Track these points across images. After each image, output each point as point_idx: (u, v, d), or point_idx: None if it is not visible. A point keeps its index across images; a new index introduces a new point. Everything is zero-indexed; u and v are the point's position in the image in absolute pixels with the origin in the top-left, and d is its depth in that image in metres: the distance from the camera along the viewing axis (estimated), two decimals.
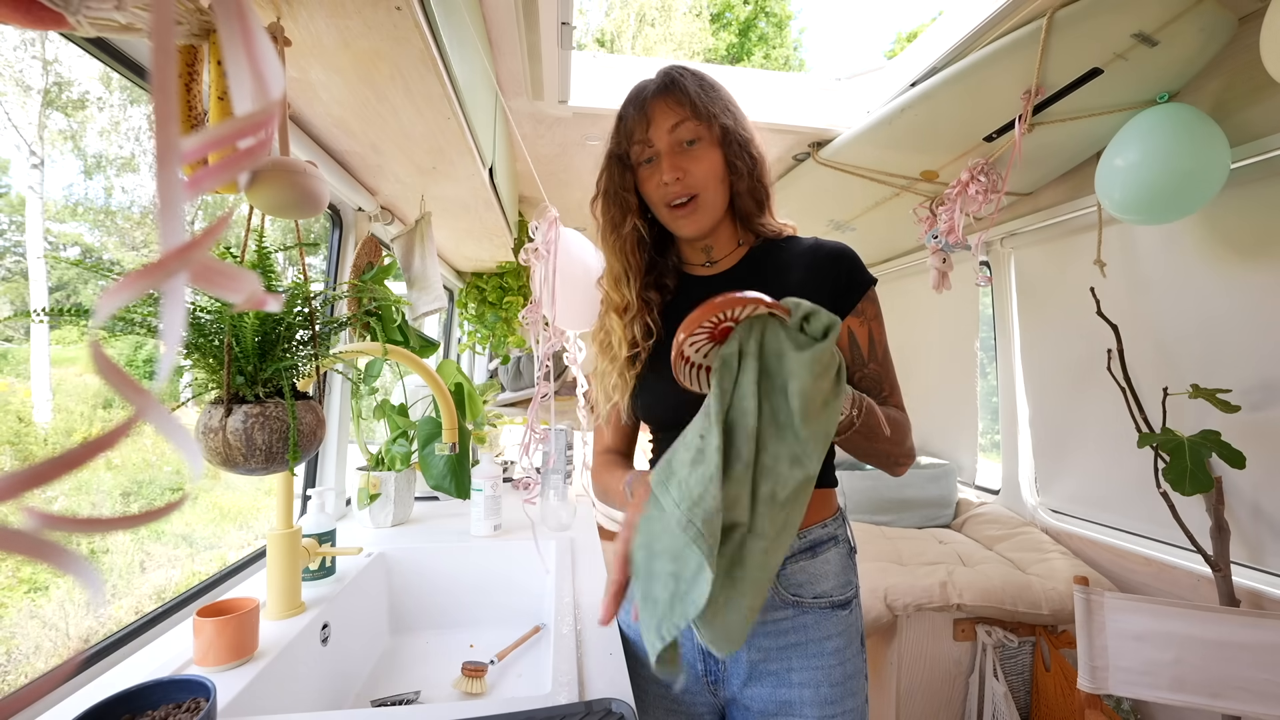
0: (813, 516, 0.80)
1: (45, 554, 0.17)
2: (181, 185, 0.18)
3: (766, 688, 0.77)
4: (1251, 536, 1.36)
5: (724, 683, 0.80)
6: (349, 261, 1.48)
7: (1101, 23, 1.17)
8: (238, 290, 0.20)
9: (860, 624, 0.82)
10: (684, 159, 0.79)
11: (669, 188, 0.80)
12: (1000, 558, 1.89)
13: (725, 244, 0.88)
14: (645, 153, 0.82)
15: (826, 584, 0.79)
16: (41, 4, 0.50)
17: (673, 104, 0.79)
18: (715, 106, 0.80)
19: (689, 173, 0.79)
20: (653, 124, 0.80)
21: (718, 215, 0.83)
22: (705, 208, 0.81)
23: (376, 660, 1.17)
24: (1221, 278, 1.39)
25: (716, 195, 0.81)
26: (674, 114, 0.79)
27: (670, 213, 0.82)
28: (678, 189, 0.79)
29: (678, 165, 0.79)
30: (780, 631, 0.77)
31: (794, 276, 0.81)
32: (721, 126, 0.80)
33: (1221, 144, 1.21)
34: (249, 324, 0.72)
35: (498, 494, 1.42)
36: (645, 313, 0.85)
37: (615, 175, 0.85)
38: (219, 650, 0.79)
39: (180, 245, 0.17)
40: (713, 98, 0.80)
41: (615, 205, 0.86)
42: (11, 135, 4.36)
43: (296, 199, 0.64)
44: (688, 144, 0.79)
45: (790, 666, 0.77)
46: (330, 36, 0.79)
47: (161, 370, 0.21)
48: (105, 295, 0.18)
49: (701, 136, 0.79)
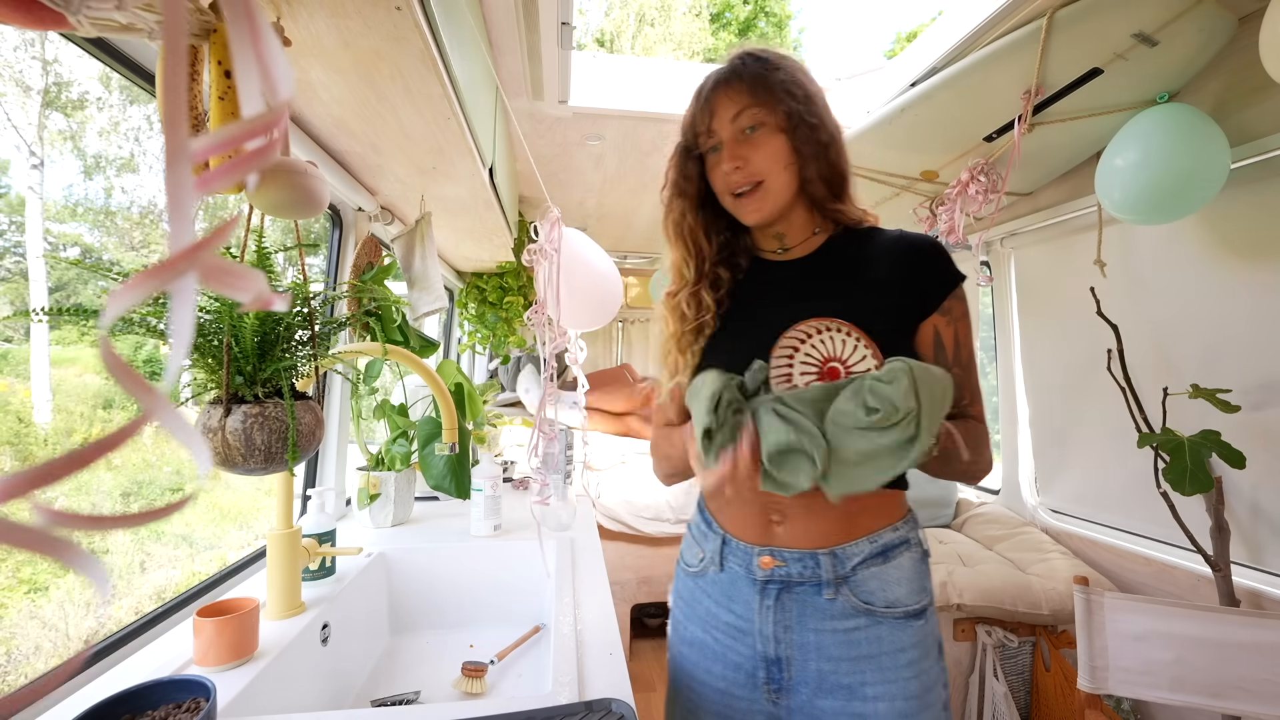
0: (883, 519, 0.77)
1: (54, 550, 0.17)
2: (191, 186, 0.18)
3: (839, 700, 0.74)
4: (1251, 536, 1.37)
5: (788, 691, 0.76)
6: (349, 261, 1.48)
7: (1101, 23, 1.18)
8: (246, 290, 0.20)
9: (937, 631, 0.78)
10: (745, 147, 0.78)
11: (730, 176, 0.79)
12: (1000, 558, 1.89)
13: (799, 231, 0.85)
14: (709, 142, 0.82)
15: (899, 590, 0.75)
16: (42, 4, 0.50)
17: (733, 93, 0.78)
18: (779, 91, 0.77)
19: (750, 160, 0.78)
20: (715, 114, 0.79)
21: (782, 202, 0.80)
22: (768, 194, 0.79)
23: (376, 660, 1.17)
24: (1222, 277, 1.39)
25: (781, 180, 0.79)
26: (735, 103, 0.78)
27: (734, 201, 0.81)
28: (739, 177, 0.79)
29: (738, 154, 0.78)
30: (853, 643, 0.74)
31: (877, 269, 0.79)
32: (785, 111, 0.77)
33: (1221, 144, 1.21)
34: (248, 324, 0.72)
35: (498, 494, 1.42)
36: (712, 290, 0.85)
37: (680, 166, 0.86)
38: (219, 650, 0.79)
39: (189, 245, 0.17)
40: (777, 82, 0.78)
41: (682, 193, 0.86)
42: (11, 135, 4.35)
43: (297, 199, 0.64)
44: (749, 131, 0.78)
45: (864, 680, 0.73)
46: (330, 36, 0.79)
47: (170, 369, 0.21)
48: (114, 295, 0.18)
49: (763, 122, 0.78)
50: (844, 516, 0.76)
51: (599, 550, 1.34)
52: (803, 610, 0.75)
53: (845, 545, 0.75)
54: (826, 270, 0.82)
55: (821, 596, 0.74)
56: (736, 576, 0.79)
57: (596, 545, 1.38)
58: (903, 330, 0.77)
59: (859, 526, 0.76)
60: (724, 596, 0.80)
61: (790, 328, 0.75)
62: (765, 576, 0.76)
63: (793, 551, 0.76)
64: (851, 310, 0.75)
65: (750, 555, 0.78)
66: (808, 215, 0.85)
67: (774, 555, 0.76)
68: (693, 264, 0.86)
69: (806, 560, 0.75)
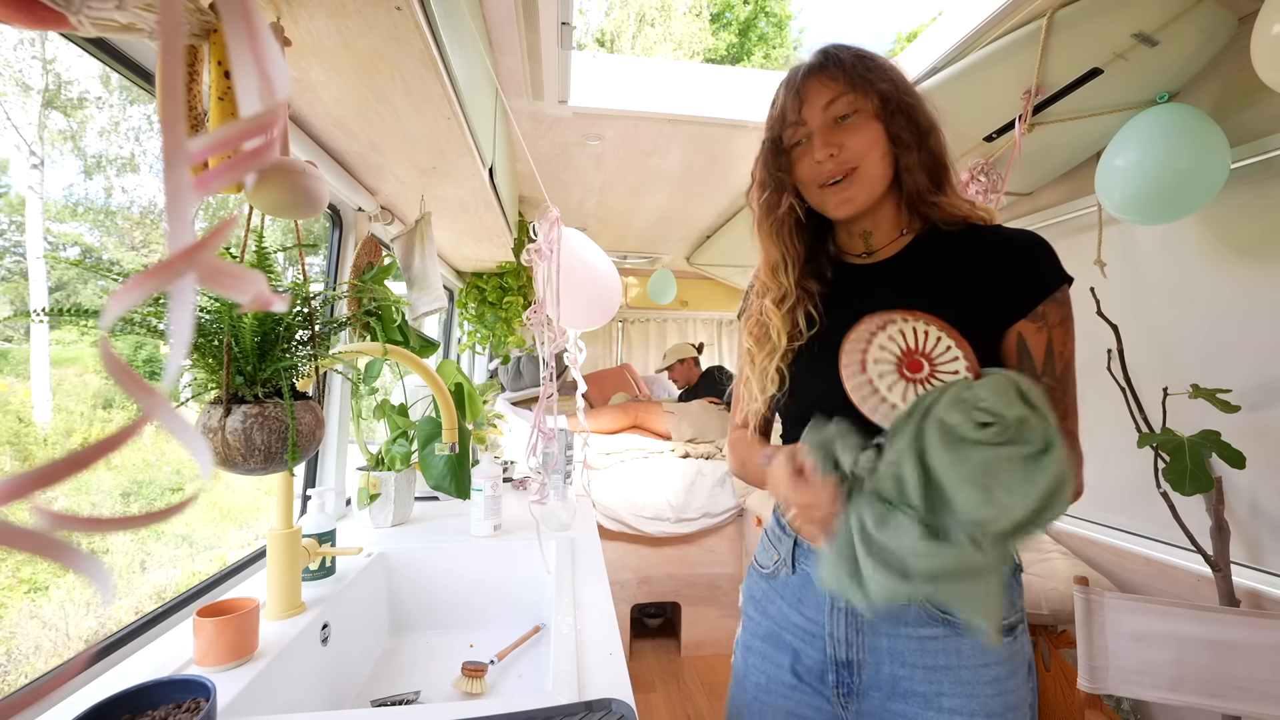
0: None
1: (56, 552, 0.17)
2: (190, 186, 0.18)
3: (914, 706, 0.71)
4: (1251, 536, 1.36)
5: (859, 695, 0.74)
6: (349, 261, 1.48)
7: (1101, 23, 1.18)
8: (245, 291, 0.20)
9: (1028, 649, 0.74)
10: (838, 134, 0.73)
11: (822, 166, 0.74)
12: None
13: (887, 230, 0.79)
14: (799, 134, 0.76)
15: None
16: (43, 4, 0.50)
17: (826, 80, 0.73)
18: (873, 74, 0.73)
19: (844, 147, 0.72)
20: (806, 103, 0.74)
21: (876, 191, 0.75)
22: (861, 182, 0.73)
23: (376, 660, 1.17)
24: (1222, 278, 1.39)
25: (876, 168, 0.73)
26: (828, 90, 0.73)
27: (822, 192, 0.76)
28: (832, 165, 0.73)
29: (831, 141, 0.73)
30: (929, 651, 0.71)
31: (967, 266, 0.73)
32: (880, 94, 0.72)
33: (1221, 144, 1.21)
34: (248, 324, 0.72)
35: (498, 494, 1.42)
36: (806, 301, 0.79)
37: (769, 160, 0.80)
38: (219, 650, 0.79)
39: (188, 246, 0.17)
40: (870, 67, 0.73)
41: (770, 189, 0.80)
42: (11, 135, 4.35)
43: (296, 199, 0.64)
44: (842, 119, 0.73)
45: (940, 691, 0.70)
46: (330, 36, 0.79)
47: (169, 370, 0.21)
48: (114, 296, 0.18)
49: (858, 109, 0.73)
50: None
51: (599, 550, 1.34)
52: (878, 616, 0.73)
53: None
54: (912, 268, 0.76)
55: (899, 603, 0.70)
56: (808, 579, 0.78)
57: (596, 545, 1.38)
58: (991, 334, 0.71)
59: None
60: (795, 599, 0.79)
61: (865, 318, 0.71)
62: None
63: None
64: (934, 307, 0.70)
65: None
66: (897, 213, 0.79)
67: None
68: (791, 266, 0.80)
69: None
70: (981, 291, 0.71)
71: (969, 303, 0.71)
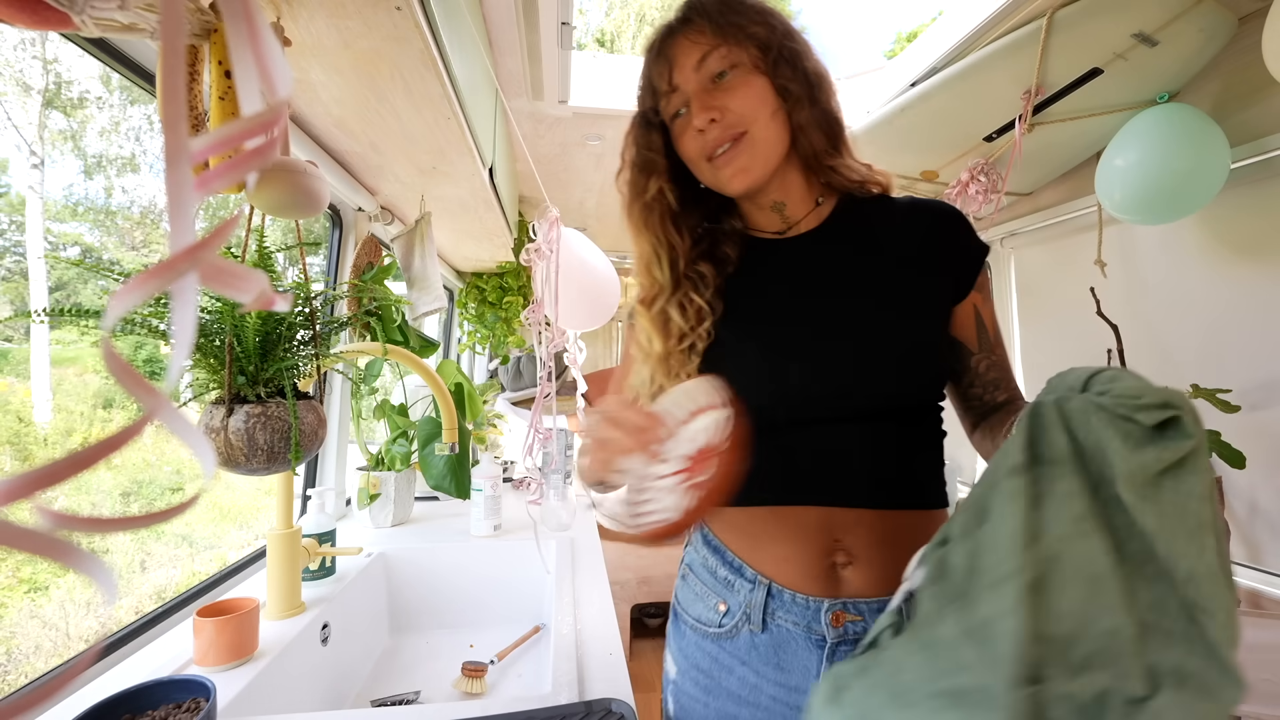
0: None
1: (58, 552, 0.17)
2: (191, 186, 0.18)
3: None
4: (1251, 536, 1.36)
5: None
6: (349, 261, 1.48)
7: (1101, 23, 1.17)
8: (247, 290, 0.20)
9: None
10: (718, 96, 0.63)
11: (706, 135, 0.63)
12: None
13: (801, 199, 0.69)
14: (674, 103, 0.66)
15: None
16: (46, 4, 0.50)
17: (693, 35, 0.64)
18: (743, 19, 0.63)
19: (726, 109, 0.62)
20: (675, 66, 0.64)
21: (773, 157, 0.64)
22: (754, 148, 0.63)
23: (376, 660, 1.17)
24: (1222, 278, 1.39)
25: (768, 130, 0.63)
26: (697, 47, 0.63)
27: (713, 166, 0.65)
28: (716, 133, 0.63)
29: (710, 105, 0.62)
30: None
31: (905, 243, 0.66)
32: (756, 41, 0.63)
33: (1221, 144, 1.21)
34: (252, 323, 0.72)
35: (498, 494, 1.42)
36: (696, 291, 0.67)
37: (639, 137, 0.70)
38: (219, 650, 0.80)
39: (190, 245, 0.18)
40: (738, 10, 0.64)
41: (641, 172, 0.69)
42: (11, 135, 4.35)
43: (297, 199, 0.64)
44: (718, 77, 0.63)
45: None
46: (330, 36, 0.79)
47: (172, 370, 0.21)
48: (115, 296, 0.18)
49: (735, 63, 0.63)
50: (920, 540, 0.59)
51: (599, 550, 1.35)
52: None
53: None
54: (848, 246, 0.67)
55: None
56: (789, 637, 0.61)
57: (596, 545, 1.38)
58: (941, 315, 0.65)
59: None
60: (767, 664, 0.62)
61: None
62: (837, 637, 0.59)
63: (869, 602, 0.59)
64: (891, 294, 0.63)
65: (813, 611, 0.60)
66: (806, 179, 0.69)
67: (847, 608, 0.59)
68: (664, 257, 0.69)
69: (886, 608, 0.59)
70: (928, 268, 0.65)
71: (920, 281, 0.65)
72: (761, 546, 0.63)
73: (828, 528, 0.60)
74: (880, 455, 0.62)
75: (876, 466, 0.61)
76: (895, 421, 0.63)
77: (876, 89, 1.74)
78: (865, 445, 0.61)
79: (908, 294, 0.64)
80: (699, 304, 0.66)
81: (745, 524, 0.65)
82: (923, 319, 0.63)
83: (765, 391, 0.62)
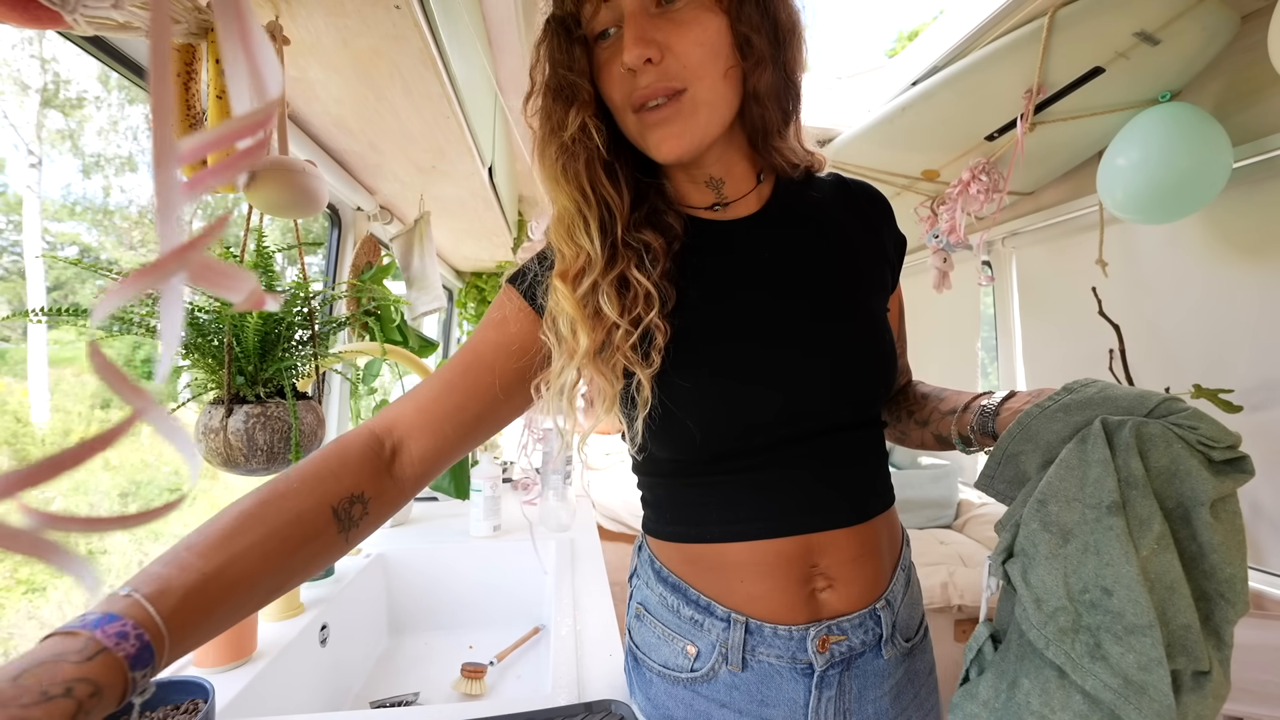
0: (899, 538, 0.62)
1: (44, 553, 0.17)
2: (180, 186, 0.17)
3: None
4: (1252, 536, 1.36)
5: None
6: (348, 261, 1.48)
7: (1103, 21, 1.17)
8: (237, 290, 0.20)
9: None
10: (661, 27, 0.48)
11: (636, 78, 0.49)
12: None
13: (741, 177, 0.58)
14: (601, 17, 0.50)
15: (919, 610, 0.62)
16: (39, 3, 0.50)
17: None
18: None
19: (668, 51, 0.48)
20: None
21: (715, 128, 0.51)
22: (696, 112, 0.49)
23: (375, 661, 1.17)
24: (1224, 277, 1.38)
25: (715, 93, 0.50)
26: None
27: (639, 119, 0.51)
28: (649, 81, 0.48)
29: (647, 37, 0.47)
30: (899, 691, 0.58)
31: (850, 227, 0.59)
32: None
33: (1223, 143, 1.20)
34: (251, 323, 0.71)
35: (497, 494, 1.42)
36: (640, 269, 0.52)
37: (555, 52, 0.52)
38: (217, 651, 0.79)
39: (178, 246, 0.17)
40: None
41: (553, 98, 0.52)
42: (9, 134, 4.35)
43: (295, 198, 0.63)
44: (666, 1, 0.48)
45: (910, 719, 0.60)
46: (329, 35, 0.79)
47: (160, 371, 0.21)
48: (104, 297, 0.18)
49: None
50: (890, 549, 0.59)
51: (599, 551, 1.34)
52: (864, 683, 0.56)
53: (890, 585, 0.58)
54: (797, 233, 0.57)
55: (882, 658, 0.56)
56: (772, 672, 0.55)
57: (596, 546, 1.37)
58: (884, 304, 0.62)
59: (891, 556, 0.59)
60: (751, 702, 0.56)
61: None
62: (825, 663, 0.54)
63: (850, 618, 0.55)
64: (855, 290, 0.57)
65: (797, 641, 0.54)
66: (748, 155, 0.58)
67: (832, 630, 0.54)
68: (596, 224, 0.52)
69: (866, 621, 0.56)
70: (878, 255, 0.61)
71: (875, 274, 0.60)
72: (732, 583, 0.55)
73: (806, 554, 0.55)
74: (855, 468, 0.58)
75: (853, 481, 0.57)
76: (866, 427, 0.59)
77: (877, 88, 1.74)
78: (843, 461, 0.56)
79: (868, 287, 0.58)
80: (646, 288, 0.51)
81: (711, 559, 0.57)
82: (883, 313, 0.59)
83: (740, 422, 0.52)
